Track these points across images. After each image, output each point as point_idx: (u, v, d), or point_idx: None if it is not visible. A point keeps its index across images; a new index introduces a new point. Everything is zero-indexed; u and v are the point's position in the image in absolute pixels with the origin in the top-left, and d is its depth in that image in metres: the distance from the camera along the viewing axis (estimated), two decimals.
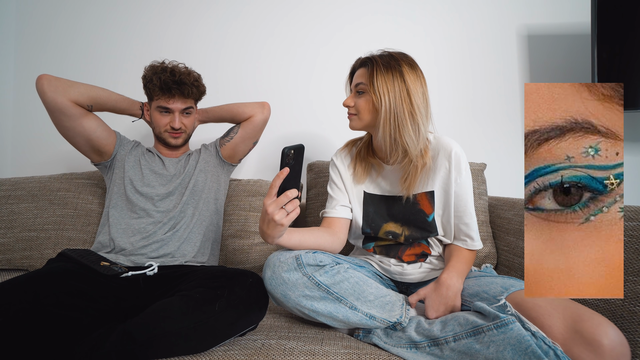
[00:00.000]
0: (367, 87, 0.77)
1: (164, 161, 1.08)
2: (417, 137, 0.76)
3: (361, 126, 0.81)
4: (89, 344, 0.58)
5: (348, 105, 0.82)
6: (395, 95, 0.74)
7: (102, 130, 1.01)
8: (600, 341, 0.51)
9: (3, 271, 1.14)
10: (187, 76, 1.03)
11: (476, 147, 1.40)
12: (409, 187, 0.81)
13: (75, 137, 0.99)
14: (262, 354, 0.62)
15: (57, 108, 0.92)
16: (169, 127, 1.05)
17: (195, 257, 0.97)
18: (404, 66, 0.75)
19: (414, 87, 0.75)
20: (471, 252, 0.83)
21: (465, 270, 0.78)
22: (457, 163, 0.80)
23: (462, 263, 0.78)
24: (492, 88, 1.41)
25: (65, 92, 0.92)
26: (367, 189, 0.90)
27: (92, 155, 1.05)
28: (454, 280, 0.73)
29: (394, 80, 0.74)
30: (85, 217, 1.18)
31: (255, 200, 1.17)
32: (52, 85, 0.90)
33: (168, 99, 1.01)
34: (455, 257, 0.80)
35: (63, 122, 0.95)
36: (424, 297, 0.73)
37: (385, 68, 0.75)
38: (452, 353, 0.60)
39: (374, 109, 0.77)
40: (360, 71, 0.80)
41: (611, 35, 1.18)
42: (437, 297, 0.72)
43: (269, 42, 1.48)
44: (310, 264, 0.70)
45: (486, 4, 1.41)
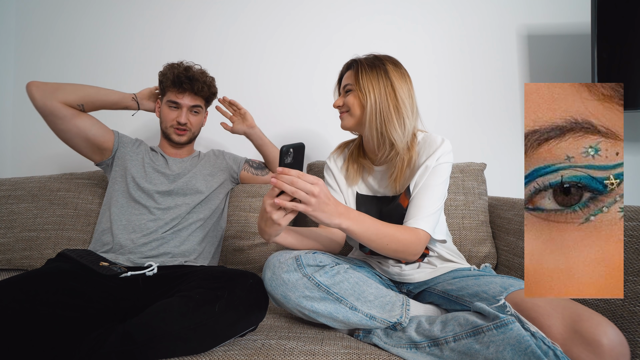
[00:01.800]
0: (353, 87, 0.80)
1: (168, 160, 1.08)
2: (403, 131, 0.78)
3: (353, 123, 0.82)
4: (89, 345, 0.58)
5: (338, 105, 0.84)
6: (380, 91, 0.77)
7: (98, 128, 1.03)
8: (600, 341, 0.51)
9: (3, 271, 1.14)
10: (201, 75, 1.06)
11: (476, 147, 1.40)
12: (395, 181, 0.81)
13: (72, 138, 1.00)
14: (262, 354, 0.62)
15: (49, 111, 0.94)
16: (175, 123, 1.06)
17: (196, 260, 0.97)
18: (387, 64, 0.79)
19: (398, 83, 0.78)
20: (400, 229, 0.73)
21: (371, 226, 0.70)
22: (436, 151, 0.78)
23: (375, 222, 0.71)
24: (492, 88, 1.41)
25: (54, 95, 0.94)
26: (359, 190, 0.91)
27: (93, 156, 1.05)
28: (342, 212, 0.66)
29: (379, 77, 0.77)
30: (85, 217, 1.18)
31: (256, 201, 1.17)
32: (40, 90, 0.93)
33: (178, 94, 1.04)
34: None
35: (57, 125, 0.97)
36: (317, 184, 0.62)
37: (369, 67, 0.79)
38: (452, 353, 0.60)
39: (362, 106, 0.79)
40: (347, 74, 0.84)
41: (611, 35, 1.18)
42: (322, 197, 0.63)
43: (270, 42, 1.48)
44: (310, 265, 0.70)
45: (486, 4, 1.42)
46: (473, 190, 1.13)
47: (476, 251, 1.07)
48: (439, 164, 0.78)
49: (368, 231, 0.70)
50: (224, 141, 1.49)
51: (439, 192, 0.78)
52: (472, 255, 1.07)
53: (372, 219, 0.71)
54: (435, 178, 0.78)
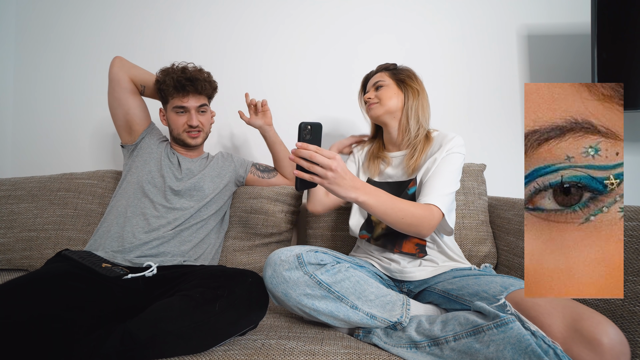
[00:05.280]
0: (388, 82, 0.95)
1: (180, 160, 1.09)
2: (428, 117, 0.95)
3: (382, 111, 0.94)
4: (89, 345, 0.58)
5: (369, 97, 0.96)
6: (414, 86, 0.94)
7: (140, 111, 1.10)
8: (600, 340, 0.51)
9: (3, 271, 1.14)
10: (198, 73, 1.06)
11: (476, 147, 1.40)
12: (415, 161, 0.88)
13: (117, 108, 1.07)
14: (262, 354, 0.62)
15: (117, 80, 1.05)
16: (186, 126, 1.06)
17: (196, 261, 0.97)
18: (413, 70, 0.99)
19: (422, 84, 0.96)
20: (415, 204, 0.77)
21: (387, 200, 0.73)
22: (447, 144, 0.87)
23: (390, 196, 0.74)
24: (492, 88, 1.41)
25: (128, 69, 1.07)
26: (372, 177, 0.98)
27: (123, 133, 1.10)
28: (359, 186, 0.69)
29: (412, 77, 0.96)
30: (85, 217, 1.18)
31: (256, 202, 1.17)
32: (120, 62, 1.07)
33: (182, 97, 1.05)
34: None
35: (115, 92, 1.06)
36: (334, 156, 0.65)
37: (401, 68, 0.99)
38: (452, 352, 0.61)
39: (394, 95, 0.93)
40: (378, 74, 0.98)
41: (611, 35, 1.18)
42: (340, 171, 0.66)
43: (272, 41, 1.48)
44: (311, 263, 0.70)
45: (486, 4, 1.42)
46: (473, 190, 1.13)
47: (476, 251, 1.07)
48: (450, 153, 0.85)
49: (384, 205, 0.72)
50: (230, 143, 1.49)
51: (450, 177, 0.83)
52: (472, 255, 1.07)
53: (387, 194, 0.74)
54: (446, 165, 0.84)
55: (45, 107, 1.55)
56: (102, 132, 1.52)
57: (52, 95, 1.55)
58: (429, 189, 0.82)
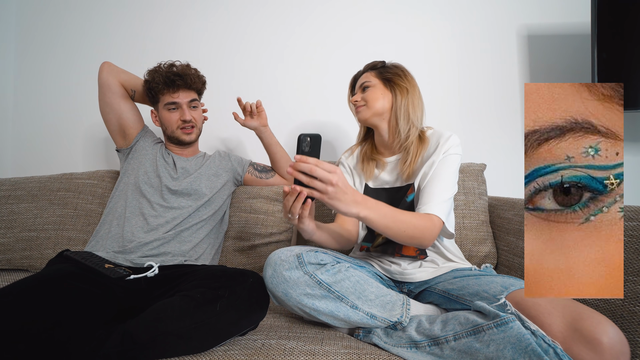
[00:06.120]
0: (372, 84, 0.90)
1: (175, 159, 1.10)
2: (421, 118, 0.90)
3: (370, 114, 0.90)
4: (89, 345, 0.58)
5: (355, 100, 0.92)
6: (403, 84, 0.89)
7: (133, 115, 1.11)
8: (600, 339, 0.51)
9: (3, 271, 1.14)
10: (187, 68, 1.08)
11: (476, 147, 1.40)
12: (409, 166, 0.86)
13: (110, 113, 1.08)
14: (262, 354, 0.62)
15: (107, 85, 1.07)
16: (180, 122, 1.07)
17: (196, 261, 0.97)
18: (402, 67, 0.94)
19: (414, 81, 0.91)
20: (416, 215, 0.75)
21: (388, 214, 0.71)
22: (443, 145, 0.84)
23: (392, 209, 0.72)
24: (492, 88, 1.41)
25: (118, 74, 1.08)
26: (368, 183, 0.95)
27: (117, 138, 1.11)
28: (360, 200, 0.67)
29: (401, 74, 0.90)
30: (85, 217, 1.18)
31: (256, 203, 1.17)
32: (109, 68, 1.08)
33: (173, 93, 1.05)
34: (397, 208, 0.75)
35: (106, 97, 1.07)
36: (334, 171, 0.62)
37: (389, 66, 0.93)
38: (453, 352, 0.61)
39: (381, 96, 0.89)
40: (365, 74, 0.93)
41: (611, 35, 1.18)
42: (341, 186, 0.63)
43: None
44: (311, 263, 0.70)
45: (486, 4, 1.42)
46: (473, 190, 1.13)
47: (476, 251, 1.07)
48: (447, 155, 0.83)
49: (385, 218, 0.71)
50: (228, 143, 1.49)
51: (449, 181, 0.82)
52: (472, 255, 1.07)
53: (388, 207, 0.73)
54: (444, 168, 0.82)
55: (46, 108, 1.55)
56: (102, 132, 1.52)
57: (53, 95, 1.55)
58: (428, 197, 0.80)
